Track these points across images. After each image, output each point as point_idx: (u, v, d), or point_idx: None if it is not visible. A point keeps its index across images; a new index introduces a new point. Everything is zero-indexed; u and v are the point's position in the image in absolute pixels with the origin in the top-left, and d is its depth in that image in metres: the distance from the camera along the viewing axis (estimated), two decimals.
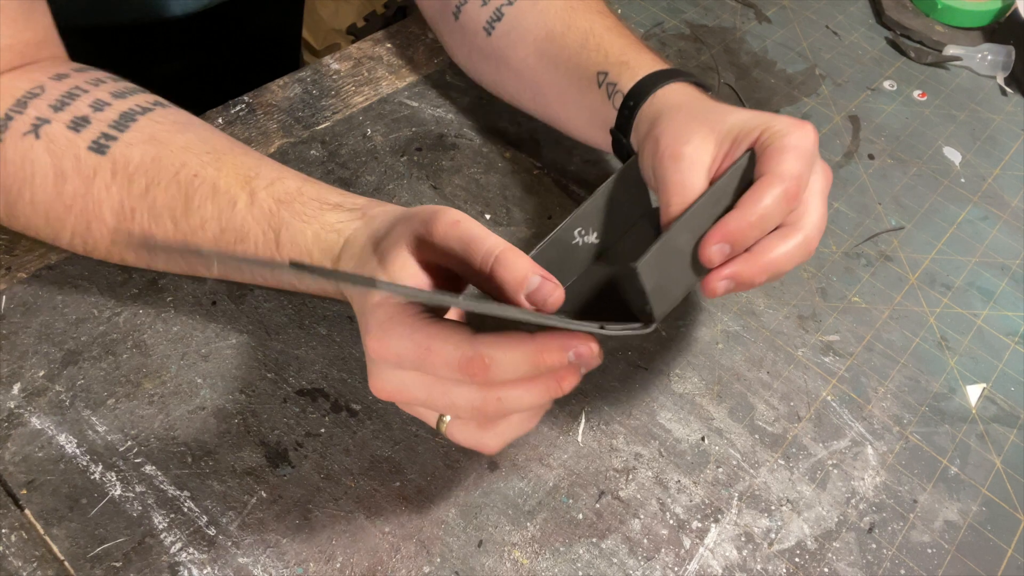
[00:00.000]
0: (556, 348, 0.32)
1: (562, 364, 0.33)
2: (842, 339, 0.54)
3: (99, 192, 0.43)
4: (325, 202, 0.43)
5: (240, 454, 0.43)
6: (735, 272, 0.39)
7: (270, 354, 0.47)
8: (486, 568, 0.41)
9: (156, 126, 0.44)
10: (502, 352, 0.32)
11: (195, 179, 0.43)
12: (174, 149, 0.43)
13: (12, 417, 0.43)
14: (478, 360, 0.32)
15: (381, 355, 0.34)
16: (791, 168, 0.39)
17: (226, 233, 0.43)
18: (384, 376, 0.35)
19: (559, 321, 0.32)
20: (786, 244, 0.40)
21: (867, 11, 0.82)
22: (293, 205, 0.43)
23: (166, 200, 0.43)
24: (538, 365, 0.32)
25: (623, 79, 0.50)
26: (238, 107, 0.60)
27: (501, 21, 0.57)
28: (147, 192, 0.43)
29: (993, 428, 0.51)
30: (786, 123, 0.41)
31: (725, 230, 0.38)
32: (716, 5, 0.79)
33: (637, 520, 0.44)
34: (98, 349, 0.46)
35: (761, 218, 0.39)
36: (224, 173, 0.43)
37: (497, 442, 0.37)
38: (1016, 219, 0.64)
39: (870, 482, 0.47)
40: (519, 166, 0.60)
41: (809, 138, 0.41)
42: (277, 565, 0.40)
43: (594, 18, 0.54)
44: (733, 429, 0.48)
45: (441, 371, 0.33)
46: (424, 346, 0.33)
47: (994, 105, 0.74)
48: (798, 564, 0.44)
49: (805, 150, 0.40)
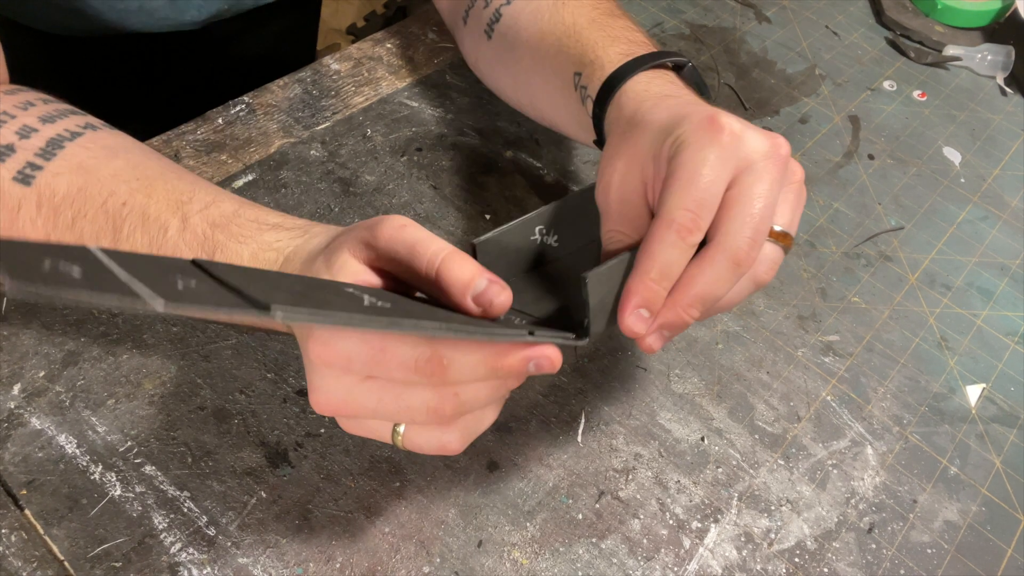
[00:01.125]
0: (516, 356, 0.31)
1: (521, 371, 0.32)
2: (842, 339, 0.54)
3: (24, 226, 0.41)
4: (264, 223, 0.41)
5: (240, 454, 0.43)
6: (662, 324, 0.36)
7: (270, 354, 0.47)
8: (486, 568, 0.41)
9: (85, 152, 0.42)
10: (461, 354, 0.31)
11: (123, 207, 0.41)
12: (102, 177, 0.41)
13: (12, 417, 0.43)
14: (436, 360, 0.31)
15: (327, 359, 0.32)
16: (681, 199, 0.35)
17: None
18: (328, 386, 0.33)
19: (485, 332, 0.31)
20: (710, 271, 0.35)
21: (867, 11, 0.82)
22: (229, 227, 0.40)
23: (93, 231, 0.40)
24: (497, 370, 0.31)
25: (592, 81, 0.46)
26: (238, 107, 0.60)
27: (499, 22, 0.55)
28: (73, 224, 0.41)
29: (993, 428, 0.51)
30: (690, 128, 0.36)
31: (631, 298, 0.35)
32: (716, 5, 0.79)
33: (637, 520, 0.44)
34: (98, 350, 0.46)
35: (661, 274, 0.35)
36: (155, 200, 0.41)
37: (460, 440, 0.35)
38: (1016, 219, 0.64)
39: (870, 482, 0.47)
40: (519, 166, 0.60)
41: (710, 142, 0.36)
42: (277, 565, 0.40)
43: (581, 11, 0.51)
44: (733, 429, 0.48)
45: (396, 372, 0.31)
46: (378, 347, 0.31)
47: (994, 105, 0.74)
48: (798, 564, 0.44)
49: (702, 161, 0.35)
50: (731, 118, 0.36)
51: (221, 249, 0.40)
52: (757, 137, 0.36)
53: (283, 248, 0.39)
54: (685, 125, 0.37)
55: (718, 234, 0.35)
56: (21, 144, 0.41)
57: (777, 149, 0.36)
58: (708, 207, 0.35)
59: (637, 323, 0.35)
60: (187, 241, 0.40)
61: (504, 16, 0.55)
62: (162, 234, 0.40)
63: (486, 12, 0.56)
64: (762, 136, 0.36)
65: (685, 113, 0.38)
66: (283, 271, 0.38)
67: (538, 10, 0.53)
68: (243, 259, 0.40)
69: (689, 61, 0.46)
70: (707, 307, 0.36)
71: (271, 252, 0.40)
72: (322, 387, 0.33)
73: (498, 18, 0.55)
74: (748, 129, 0.36)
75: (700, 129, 0.36)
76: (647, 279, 0.35)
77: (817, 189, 0.63)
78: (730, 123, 0.36)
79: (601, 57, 0.47)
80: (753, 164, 0.36)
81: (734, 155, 0.35)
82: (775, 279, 0.57)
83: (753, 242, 0.35)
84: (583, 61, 0.48)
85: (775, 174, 0.36)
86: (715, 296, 0.36)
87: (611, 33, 0.49)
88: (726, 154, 0.35)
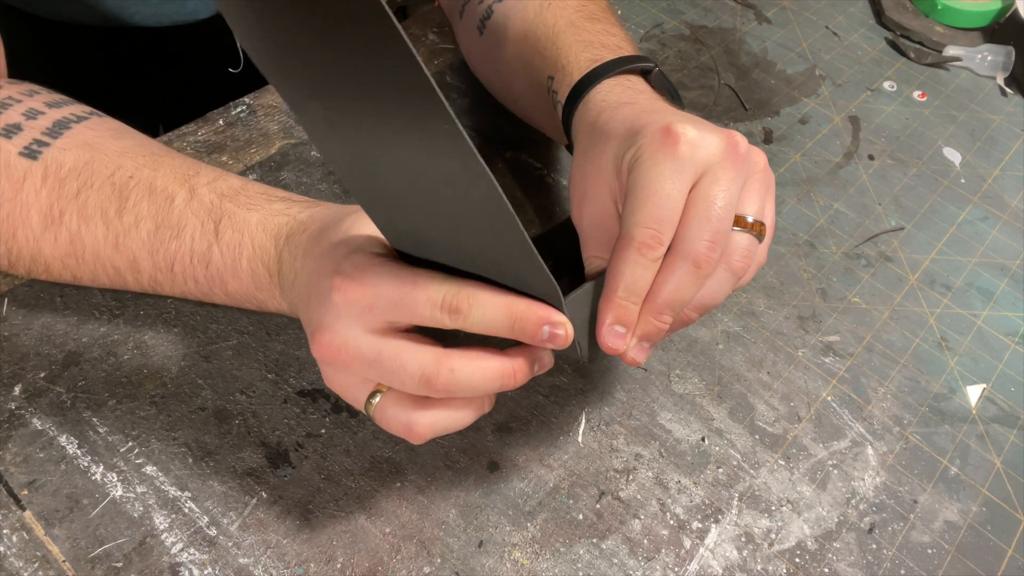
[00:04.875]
0: (535, 316, 0.32)
1: (535, 334, 0.32)
2: (842, 339, 0.54)
3: (28, 196, 0.41)
4: (272, 195, 0.42)
5: (241, 455, 0.43)
6: (639, 336, 0.36)
7: (270, 355, 0.47)
8: (486, 568, 0.41)
9: (91, 132, 0.43)
10: (485, 297, 0.32)
11: (130, 180, 0.41)
12: (109, 153, 0.42)
13: (13, 418, 0.43)
14: (463, 296, 0.32)
15: (354, 296, 0.33)
16: (640, 216, 0.35)
17: (161, 230, 0.41)
18: (339, 327, 0.33)
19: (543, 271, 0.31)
20: (673, 277, 0.36)
21: (867, 12, 0.82)
22: (237, 198, 0.41)
23: (98, 201, 0.41)
24: (513, 321, 0.32)
25: (562, 87, 0.46)
26: (239, 108, 0.60)
27: (490, 19, 0.55)
28: (78, 194, 0.41)
29: (993, 428, 0.51)
30: (646, 141, 0.37)
31: (604, 317, 0.36)
32: (716, 6, 0.79)
33: (637, 520, 0.44)
34: (99, 350, 0.46)
35: (628, 291, 0.35)
36: (161, 173, 0.42)
37: (428, 428, 0.35)
38: (1016, 219, 0.64)
39: (870, 482, 0.47)
40: (519, 166, 0.60)
41: (665, 155, 0.36)
42: (278, 566, 0.40)
43: (563, 13, 0.51)
44: (733, 429, 0.48)
45: (422, 308, 0.32)
46: (410, 281, 0.32)
47: (994, 105, 0.74)
48: (798, 564, 0.44)
49: (658, 176, 0.35)
50: (686, 124, 0.36)
51: (229, 216, 0.41)
52: (713, 139, 0.36)
53: (296, 215, 0.40)
54: (642, 138, 0.37)
55: (676, 240, 0.36)
56: (28, 124, 0.42)
57: (734, 148, 0.36)
58: (668, 220, 0.35)
59: (615, 340, 0.36)
60: (194, 210, 0.41)
61: (495, 13, 0.55)
62: (168, 203, 0.41)
63: (480, 8, 0.57)
64: (718, 137, 0.36)
65: (642, 124, 0.38)
66: (294, 238, 0.39)
67: (525, 9, 0.53)
68: (250, 224, 0.40)
69: (656, 65, 0.47)
70: (677, 311, 0.36)
71: (281, 217, 0.40)
72: (331, 327, 0.33)
73: (489, 15, 0.56)
74: (704, 132, 0.36)
75: (656, 141, 0.36)
76: (616, 298, 0.35)
77: (817, 189, 0.63)
78: (685, 131, 0.36)
79: (571, 63, 0.47)
80: (711, 167, 0.36)
81: (691, 163, 0.36)
82: (775, 279, 0.57)
83: (712, 244, 0.35)
84: (556, 65, 0.48)
85: (733, 172, 0.36)
86: (682, 300, 0.36)
87: (586, 38, 0.49)
88: (682, 164, 0.36)
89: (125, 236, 0.41)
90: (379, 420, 0.35)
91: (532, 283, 0.32)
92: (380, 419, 0.35)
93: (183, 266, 0.42)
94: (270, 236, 0.40)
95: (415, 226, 0.32)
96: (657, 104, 0.42)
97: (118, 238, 0.41)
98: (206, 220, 0.41)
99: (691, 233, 0.35)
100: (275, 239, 0.40)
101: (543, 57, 0.50)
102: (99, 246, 0.42)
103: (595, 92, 0.44)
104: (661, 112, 0.39)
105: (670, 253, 0.36)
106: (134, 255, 0.42)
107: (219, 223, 0.41)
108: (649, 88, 0.46)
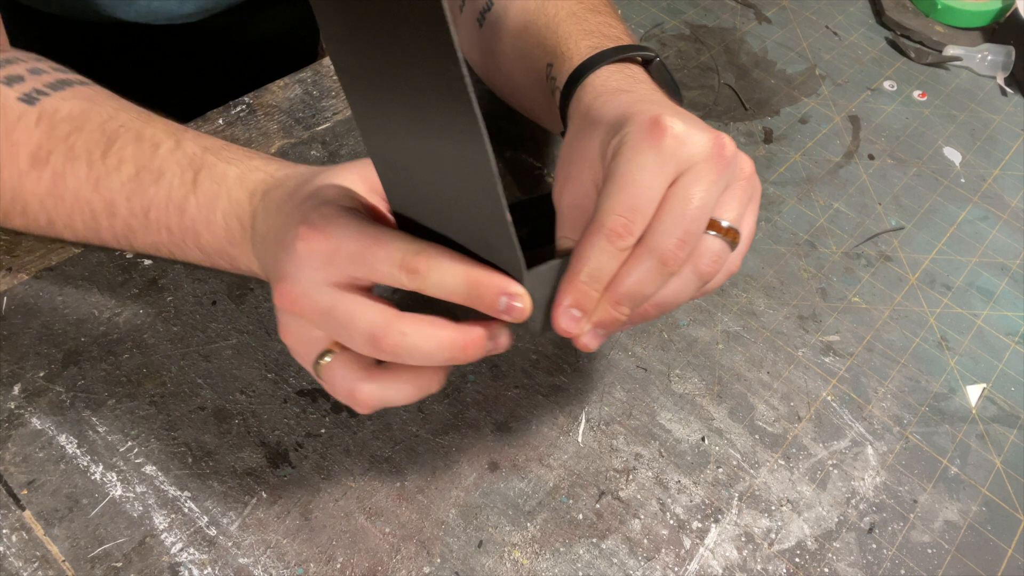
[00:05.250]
0: (494, 284, 0.32)
1: (493, 303, 0.33)
2: (842, 339, 0.54)
3: (19, 135, 0.42)
4: (253, 153, 0.43)
5: (240, 454, 0.43)
6: (595, 323, 0.36)
7: (270, 354, 0.47)
8: (486, 568, 0.41)
9: (91, 91, 0.45)
10: (445, 260, 0.32)
11: (121, 128, 0.43)
12: (105, 107, 0.43)
13: (13, 417, 0.43)
14: (423, 256, 0.32)
15: (317, 247, 0.33)
16: (614, 204, 0.35)
17: (141, 174, 0.42)
18: (300, 276, 0.34)
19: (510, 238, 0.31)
20: (637, 270, 0.35)
21: (867, 11, 0.82)
22: (220, 152, 0.42)
23: (86, 144, 0.42)
24: (471, 288, 0.32)
25: (561, 73, 0.46)
26: (239, 108, 0.60)
27: (490, 11, 0.56)
28: (68, 136, 0.42)
29: (993, 428, 0.51)
30: (633, 129, 0.36)
31: (563, 299, 0.35)
32: (716, 6, 0.79)
33: (637, 520, 0.44)
34: (98, 350, 0.46)
35: (591, 277, 0.35)
36: (151, 126, 0.43)
37: (371, 396, 0.35)
38: (1016, 219, 0.64)
39: (870, 482, 0.47)
40: (519, 166, 0.60)
41: (650, 145, 0.35)
42: (277, 566, 0.40)
43: (564, 4, 0.51)
44: (733, 429, 0.48)
45: (381, 265, 0.32)
46: (373, 236, 0.33)
47: (994, 105, 0.74)
48: (798, 564, 0.44)
49: (638, 166, 0.35)
50: (676, 118, 0.36)
51: (209, 168, 0.42)
52: (700, 138, 0.36)
53: (274, 172, 0.41)
54: (629, 126, 0.36)
55: (647, 234, 0.35)
56: (31, 77, 0.44)
57: (720, 149, 0.36)
58: (642, 212, 0.35)
59: (569, 323, 0.35)
60: (177, 159, 0.42)
61: (495, 5, 0.55)
62: (153, 150, 0.42)
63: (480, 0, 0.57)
64: (706, 136, 0.36)
65: (632, 112, 0.37)
66: (269, 194, 0.40)
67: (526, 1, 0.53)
68: (228, 178, 0.41)
69: (656, 55, 0.46)
70: (636, 304, 0.36)
71: (260, 173, 0.41)
72: (293, 276, 0.34)
73: (489, 6, 0.56)
74: (692, 130, 0.36)
75: (642, 131, 0.36)
76: (577, 281, 0.35)
77: (817, 189, 0.63)
78: (673, 125, 0.35)
79: (572, 50, 0.47)
80: (694, 166, 0.35)
81: (674, 158, 0.35)
82: (775, 279, 0.57)
83: (682, 243, 0.35)
84: (555, 53, 0.48)
85: (715, 175, 0.36)
86: (643, 294, 0.36)
87: (587, 27, 0.49)
88: (665, 158, 0.35)
89: (106, 177, 0.42)
90: (326, 381, 0.36)
91: (499, 251, 0.32)
92: (327, 380, 0.36)
93: (158, 212, 0.42)
94: (246, 191, 0.41)
95: (411, 180, 0.33)
96: (653, 95, 0.42)
97: (99, 179, 0.42)
98: (187, 169, 0.42)
99: (662, 228, 0.35)
100: (251, 195, 0.41)
101: (543, 46, 0.50)
102: (80, 185, 0.42)
103: (594, 77, 0.44)
104: (653, 103, 0.39)
105: (638, 245, 0.35)
106: (112, 196, 0.43)
107: (198, 173, 0.42)
108: (648, 78, 0.45)
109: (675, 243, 0.35)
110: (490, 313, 0.33)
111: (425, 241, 0.33)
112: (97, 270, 0.49)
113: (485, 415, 0.47)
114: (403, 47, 0.27)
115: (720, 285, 0.40)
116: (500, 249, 0.32)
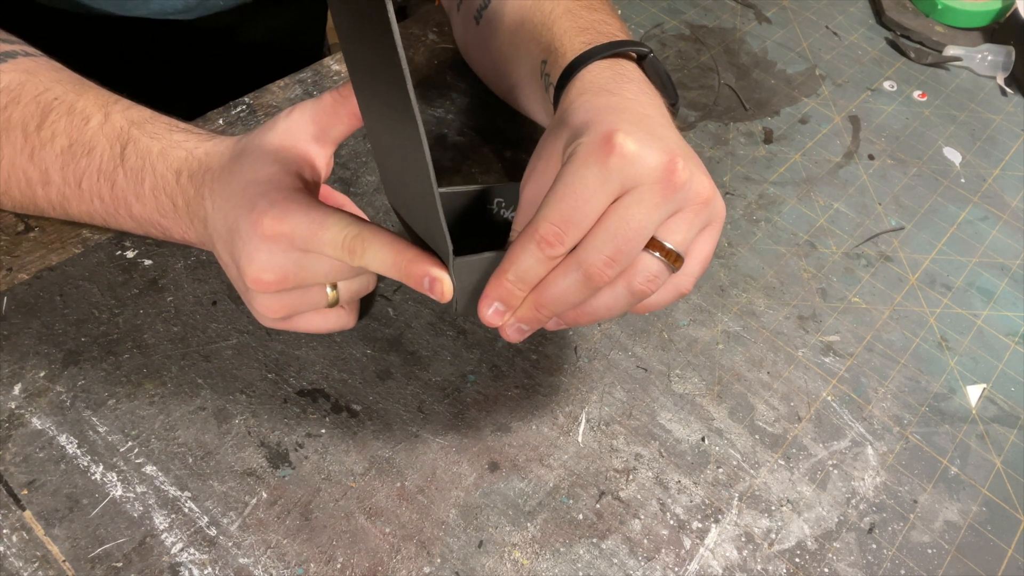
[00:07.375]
0: (419, 267, 0.36)
1: (418, 282, 0.37)
2: (842, 339, 0.54)
3: None
4: (175, 126, 0.45)
5: (241, 455, 0.43)
6: (518, 319, 0.38)
7: (270, 354, 0.47)
8: (486, 568, 0.41)
9: (33, 64, 0.46)
10: (379, 242, 0.37)
11: (55, 101, 0.45)
12: (43, 79, 0.46)
13: (13, 418, 0.43)
14: (359, 239, 0.37)
15: (273, 233, 0.37)
16: (550, 212, 0.35)
17: (74, 146, 0.44)
18: (274, 260, 0.38)
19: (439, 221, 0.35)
20: (562, 280, 0.36)
21: (867, 11, 0.82)
22: (145, 126, 0.45)
23: (22, 116, 0.44)
24: (398, 268, 0.37)
25: (554, 69, 0.47)
26: (239, 108, 0.60)
27: (487, 8, 0.56)
28: (5, 109, 0.45)
29: (993, 428, 0.51)
30: (587, 140, 0.36)
31: (489, 293, 0.37)
32: (716, 6, 0.79)
33: (637, 520, 0.44)
34: (98, 350, 0.46)
35: (518, 277, 0.36)
36: (84, 99, 0.45)
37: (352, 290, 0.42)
38: (1016, 219, 0.64)
39: (870, 482, 0.47)
40: (519, 166, 0.60)
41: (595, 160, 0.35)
42: (278, 566, 0.40)
43: (560, 1, 0.51)
44: (733, 429, 0.48)
45: (327, 247, 0.37)
46: (319, 221, 0.37)
47: (994, 105, 0.74)
48: (798, 564, 0.44)
49: (580, 179, 0.35)
50: (630, 136, 0.35)
51: (134, 142, 0.44)
52: (651, 159, 0.35)
53: (192, 149, 0.44)
54: (585, 135, 0.36)
55: (580, 247, 0.36)
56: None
57: (670, 174, 0.35)
58: (577, 224, 0.35)
59: (492, 316, 0.38)
60: (105, 133, 0.45)
61: (492, 2, 0.56)
62: (83, 123, 0.45)
63: None
64: (656, 158, 0.35)
65: (594, 122, 0.37)
66: (196, 177, 0.43)
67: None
68: (152, 153, 0.44)
69: (650, 51, 0.46)
70: (560, 310, 0.37)
71: (180, 151, 0.44)
72: (260, 261, 0.38)
73: (487, 4, 0.56)
74: (645, 150, 0.35)
75: (593, 144, 0.36)
76: (504, 279, 0.37)
77: (817, 189, 0.63)
78: (624, 143, 0.35)
79: (565, 46, 0.47)
80: (639, 186, 0.35)
81: (619, 176, 0.35)
82: (775, 279, 0.57)
83: (611, 260, 0.35)
84: (550, 49, 0.48)
85: (658, 197, 0.35)
86: (567, 303, 0.37)
87: (582, 24, 0.49)
88: (609, 175, 0.35)
89: (41, 148, 0.45)
90: (346, 298, 0.43)
91: (434, 236, 0.36)
92: (347, 297, 0.42)
93: (90, 183, 0.45)
94: (171, 169, 0.43)
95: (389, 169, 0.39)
96: (636, 99, 0.42)
97: (34, 150, 0.45)
98: (115, 143, 0.44)
99: (594, 244, 0.35)
100: (176, 174, 0.43)
101: (538, 43, 0.50)
102: (15, 155, 0.45)
103: (585, 72, 0.44)
104: (621, 113, 0.39)
105: (569, 256, 0.36)
106: (47, 167, 0.45)
107: (125, 147, 0.44)
108: (640, 75, 0.45)
109: (603, 260, 0.35)
110: (418, 290, 0.37)
111: (364, 223, 0.37)
112: (97, 270, 0.49)
113: (485, 415, 0.47)
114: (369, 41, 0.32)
115: (667, 305, 0.40)
116: (435, 235, 0.36)
